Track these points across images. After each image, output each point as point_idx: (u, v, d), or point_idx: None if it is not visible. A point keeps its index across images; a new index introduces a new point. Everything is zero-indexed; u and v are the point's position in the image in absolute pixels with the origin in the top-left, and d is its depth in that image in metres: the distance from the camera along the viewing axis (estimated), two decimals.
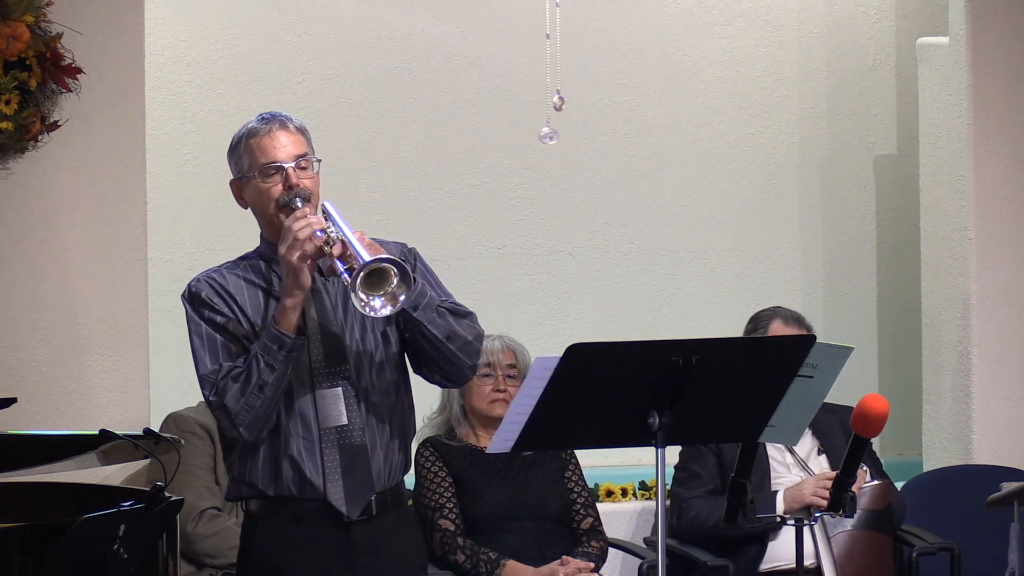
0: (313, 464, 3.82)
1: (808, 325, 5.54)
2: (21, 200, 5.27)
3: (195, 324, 3.84)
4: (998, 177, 6.15)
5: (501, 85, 6.71)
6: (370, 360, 3.87)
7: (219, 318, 3.83)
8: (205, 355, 3.81)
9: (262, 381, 3.72)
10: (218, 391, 3.76)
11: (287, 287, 3.75)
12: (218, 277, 3.89)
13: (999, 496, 5.14)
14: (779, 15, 7.01)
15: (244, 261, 3.95)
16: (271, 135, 3.85)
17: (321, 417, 3.82)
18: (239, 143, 3.89)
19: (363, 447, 3.84)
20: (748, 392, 3.84)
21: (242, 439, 3.80)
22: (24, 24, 5.11)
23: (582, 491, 5.43)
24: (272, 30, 6.53)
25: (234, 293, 3.86)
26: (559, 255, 6.82)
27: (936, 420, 6.31)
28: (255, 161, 3.85)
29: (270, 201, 3.84)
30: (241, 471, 3.87)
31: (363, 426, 3.84)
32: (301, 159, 3.85)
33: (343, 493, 3.82)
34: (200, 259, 6.38)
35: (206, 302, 3.84)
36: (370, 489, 3.85)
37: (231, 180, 3.93)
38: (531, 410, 3.68)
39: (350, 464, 3.83)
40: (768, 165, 7.02)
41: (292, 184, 3.82)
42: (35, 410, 5.19)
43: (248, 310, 3.85)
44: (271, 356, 3.72)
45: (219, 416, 3.78)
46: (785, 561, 5.20)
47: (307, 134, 3.91)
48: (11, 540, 3.85)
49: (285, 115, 3.91)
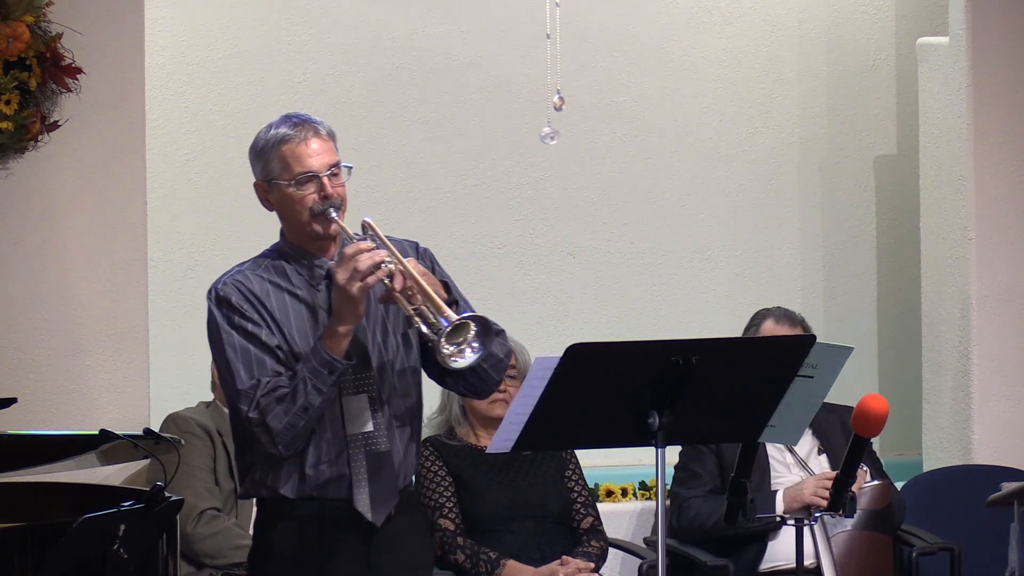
0: (340, 469, 3.80)
1: (801, 322, 5.53)
2: (21, 200, 5.27)
3: (226, 333, 3.78)
4: (998, 177, 6.14)
5: (501, 85, 6.70)
6: (391, 365, 3.87)
7: (250, 326, 3.77)
8: (240, 367, 3.75)
9: (308, 403, 3.70)
10: (260, 409, 3.71)
11: (342, 314, 3.72)
12: (244, 280, 3.83)
13: (999, 496, 5.14)
14: (779, 15, 7.00)
15: (265, 260, 3.89)
16: (305, 142, 3.80)
17: (348, 423, 3.81)
18: (269, 147, 3.82)
19: (388, 453, 3.83)
20: (748, 392, 3.84)
21: (279, 455, 3.76)
22: (24, 24, 5.11)
23: (582, 491, 5.43)
24: (272, 30, 6.53)
25: (262, 298, 3.81)
26: (559, 255, 6.82)
27: (936, 420, 6.30)
28: (288, 169, 3.80)
29: (304, 209, 3.81)
30: (263, 475, 3.83)
31: (387, 431, 3.84)
32: (334, 167, 3.83)
33: (369, 500, 3.81)
34: (200, 259, 6.40)
35: (236, 308, 3.79)
36: (394, 495, 3.85)
37: (256, 182, 3.87)
38: (531, 410, 3.68)
39: (376, 470, 3.82)
40: (768, 165, 7.02)
41: (327, 194, 3.80)
42: (35, 410, 5.19)
43: (277, 315, 3.80)
44: (320, 380, 3.70)
45: (258, 432, 3.72)
46: (785, 561, 5.20)
47: (335, 138, 3.88)
48: (11, 540, 3.84)
49: (316, 120, 3.86)
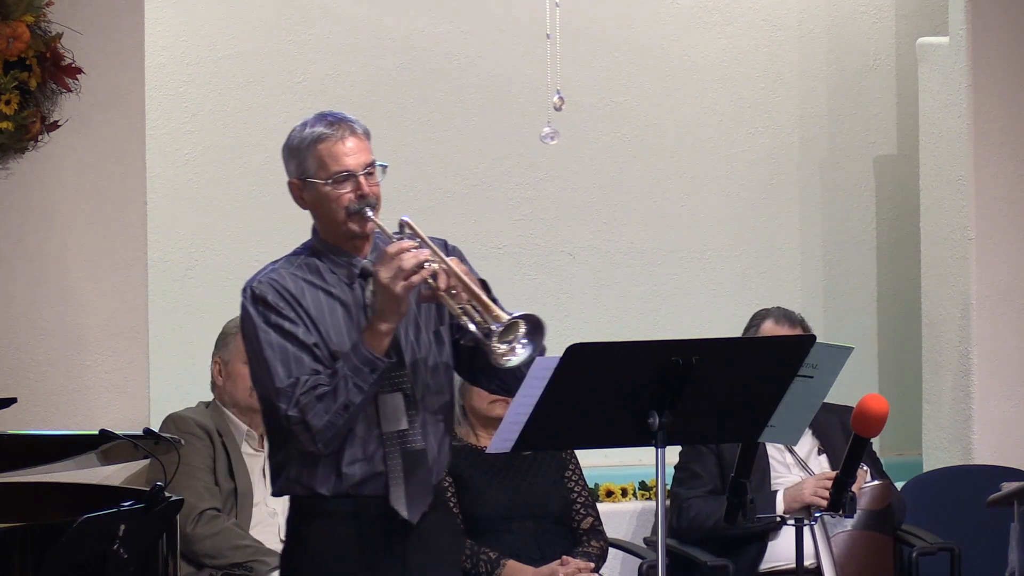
0: (376, 467, 3.81)
1: (801, 322, 5.52)
2: (21, 200, 5.27)
3: (263, 331, 3.79)
4: (998, 177, 6.14)
5: (501, 85, 6.70)
6: (424, 362, 3.88)
7: (287, 324, 3.78)
8: (278, 365, 3.76)
9: (349, 401, 3.71)
10: (300, 407, 3.72)
11: (384, 313, 3.73)
12: (279, 278, 3.84)
13: (999, 496, 5.14)
14: (779, 15, 7.00)
15: (297, 258, 3.90)
16: (341, 141, 3.82)
17: (384, 421, 3.82)
18: (305, 145, 3.84)
19: (423, 451, 3.85)
20: (748, 392, 3.84)
21: (318, 453, 3.77)
22: (24, 24, 5.11)
23: (582, 491, 5.43)
24: (272, 30, 6.53)
25: (297, 296, 3.82)
26: (559, 255, 6.82)
27: (936, 420, 6.30)
28: (324, 167, 3.81)
29: (340, 208, 3.82)
30: (299, 473, 3.84)
31: (422, 429, 3.86)
32: (369, 167, 3.84)
33: (405, 497, 3.82)
34: (200, 259, 6.40)
35: (272, 306, 3.80)
36: (429, 492, 3.86)
37: (290, 180, 3.89)
38: (531, 410, 3.68)
39: (412, 468, 3.83)
40: (768, 165, 7.01)
41: (363, 193, 3.81)
42: (35, 410, 5.19)
43: (313, 313, 3.81)
44: (361, 378, 3.71)
45: (297, 431, 3.73)
46: (785, 561, 5.20)
47: (370, 137, 3.89)
48: (11, 540, 3.85)
49: (351, 119, 3.88)
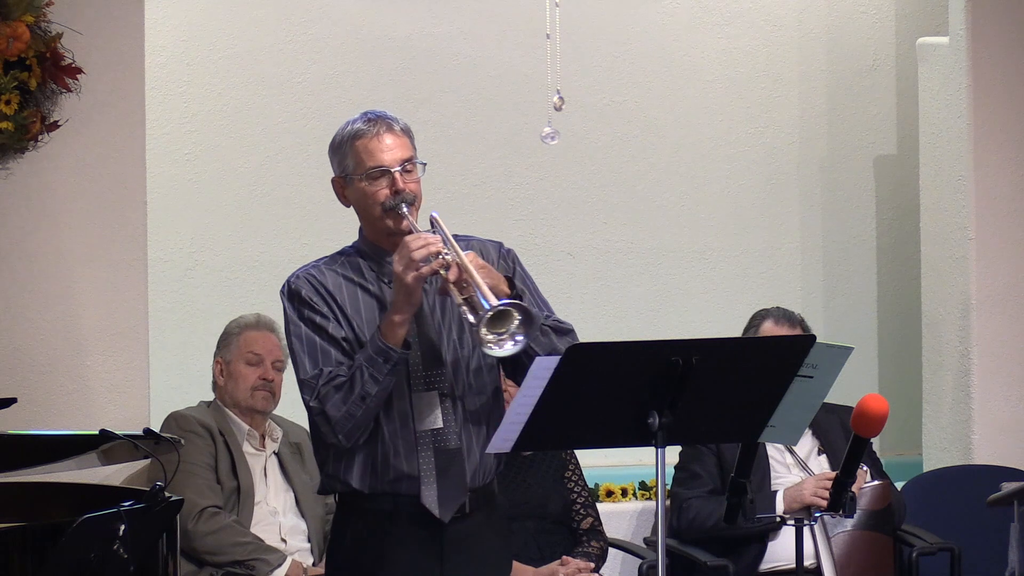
0: (409, 465, 3.82)
1: (801, 322, 5.52)
2: (21, 200, 5.27)
3: (294, 325, 3.82)
4: (998, 177, 6.15)
5: (501, 85, 6.71)
6: (467, 364, 3.88)
7: (318, 318, 3.81)
8: (305, 359, 3.79)
9: (365, 392, 3.72)
10: (319, 398, 3.75)
11: (397, 303, 3.74)
12: (316, 274, 3.87)
13: (999, 496, 5.14)
14: (779, 15, 7.01)
15: (341, 257, 3.92)
16: (378, 137, 3.83)
17: (417, 420, 3.83)
18: (345, 142, 3.86)
19: (458, 451, 3.85)
20: (748, 392, 3.83)
21: (340, 445, 3.79)
22: (24, 24, 5.11)
23: (582, 491, 5.42)
24: (272, 30, 6.53)
25: (333, 291, 3.84)
26: (559, 255, 6.82)
27: (936, 420, 6.30)
28: (361, 163, 3.83)
29: (376, 204, 3.83)
30: (336, 469, 3.86)
31: (459, 430, 3.85)
32: (407, 163, 3.84)
33: (437, 496, 3.82)
34: (200, 259, 6.40)
35: (306, 301, 3.82)
36: (463, 492, 3.86)
37: (333, 178, 3.91)
38: (531, 410, 3.68)
39: (445, 467, 3.83)
40: (768, 165, 7.02)
41: (398, 189, 3.81)
42: (35, 410, 5.19)
43: (348, 309, 3.84)
44: (376, 368, 3.72)
45: (318, 421, 3.76)
46: (785, 561, 5.20)
47: (411, 135, 3.90)
48: (11, 540, 3.85)
49: (391, 116, 3.89)
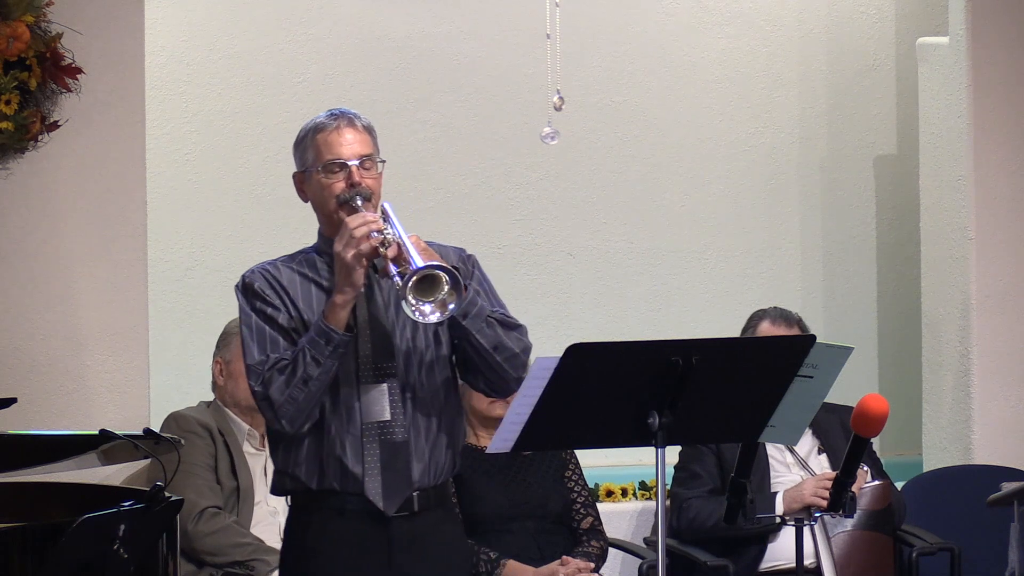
0: (354, 458, 3.82)
1: (797, 321, 5.51)
2: (21, 200, 5.27)
3: (246, 315, 3.85)
4: (998, 177, 6.15)
5: (501, 85, 6.71)
6: (419, 359, 3.88)
7: (269, 310, 3.84)
8: (253, 346, 3.82)
9: (307, 375, 3.74)
10: (263, 382, 3.77)
11: (339, 284, 3.76)
12: (272, 270, 3.90)
13: (999, 496, 5.14)
14: (779, 15, 7.01)
15: (300, 255, 3.95)
16: (338, 131, 3.86)
17: (364, 412, 3.83)
18: (305, 136, 3.89)
19: (404, 444, 3.84)
20: (748, 392, 3.84)
21: (284, 431, 3.80)
22: (24, 24, 5.11)
23: (582, 491, 5.42)
24: (272, 30, 6.53)
25: (287, 286, 3.87)
26: (559, 255, 6.82)
27: (936, 420, 6.30)
28: (319, 156, 3.86)
29: (331, 197, 3.85)
30: (285, 463, 3.88)
31: (407, 423, 3.85)
32: (366, 159, 3.86)
33: (381, 488, 3.82)
34: (200, 259, 6.41)
35: (258, 293, 3.85)
36: (408, 486, 3.85)
37: (294, 173, 3.94)
38: (531, 410, 3.68)
39: (390, 460, 3.83)
40: (768, 165, 7.02)
41: (354, 182, 3.83)
42: (35, 410, 5.19)
43: (300, 303, 3.86)
44: (317, 351, 3.74)
45: (262, 407, 3.79)
46: (785, 561, 5.20)
47: (374, 133, 3.92)
48: (11, 540, 3.85)
49: (353, 112, 3.91)
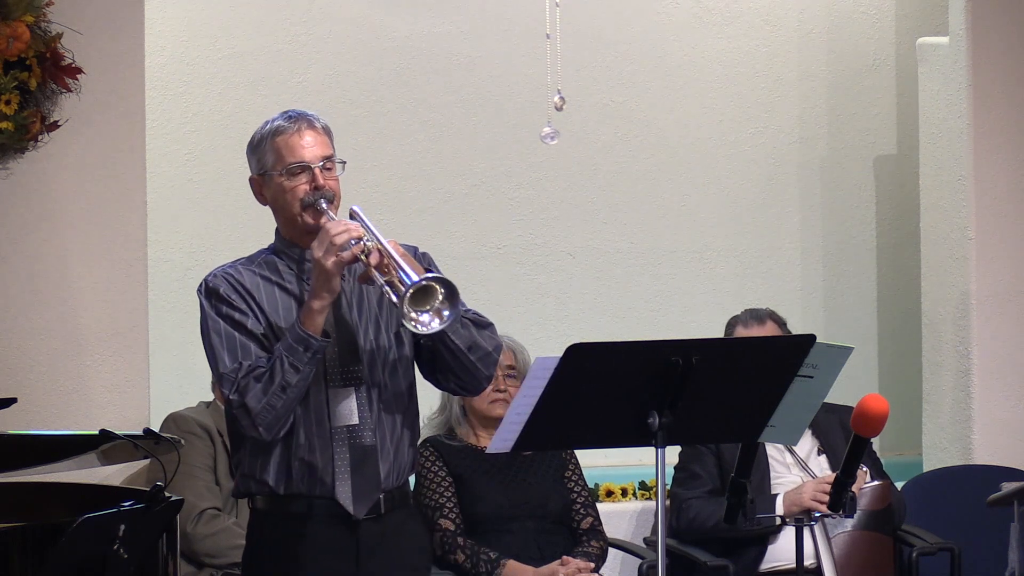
0: (323, 463, 3.82)
1: (770, 315, 5.47)
2: (21, 200, 5.27)
3: (213, 321, 3.82)
4: (998, 177, 6.15)
5: (501, 85, 6.70)
6: (383, 360, 3.88)
7: (237, 315, 3.82)
8: (224, 353, 3.79)
9: (285, 382, 3.72)
10: (239, 390, 3.74)
11: (316, 290, 3.74)
12: (235, 273, 3.88)
13: (999, 496, 5.14)
14: (779, 15, 7.00)
15: (258, 257, 3.94)
16: (298, 133, 3.84)
17: (333, 416, 3.82)
18: (263, 139, 3.87)
19: (373, 447, 3.84)
20: (748, 392, 3.84)
21: (260, 439, 3.78)
22: (24, 24, 5.11)
23: (582, 491, 5.42)
24: (272, 30, 6.53)
25: (251, 290, 3.85)
26: (559, 255, 6.82)
27: (936, 420, 6.30)
28: (280, 159, 3.84)
29: (295, 201, 3.84)
30: (251, 468, 3.86)
31: (374, 426, 3.85)
32: (327, 160, 3.86)
33: (351, 492, 3.82)
34: (200, 259, 6.39)
35: (224, 298, 3.83)
36: (377, 489, 3.85)
37: (251, 177, 3.91)
38: (531, 410, 3.68)
39: (359, 463, 3.83)
40: (768, 165, 7.02)
41: (318, 185, 3.83)
42: (35, 410, 5.19)
43: (266, 306, 3.84)
44: (296, 357, 3.72)
45: (239, 415, 3.76)
46: (785, 561, 5.20)
47: (331, 134, 3.92)
48: (11, 540, 3.85)
49: (311, 114, 3.90)
